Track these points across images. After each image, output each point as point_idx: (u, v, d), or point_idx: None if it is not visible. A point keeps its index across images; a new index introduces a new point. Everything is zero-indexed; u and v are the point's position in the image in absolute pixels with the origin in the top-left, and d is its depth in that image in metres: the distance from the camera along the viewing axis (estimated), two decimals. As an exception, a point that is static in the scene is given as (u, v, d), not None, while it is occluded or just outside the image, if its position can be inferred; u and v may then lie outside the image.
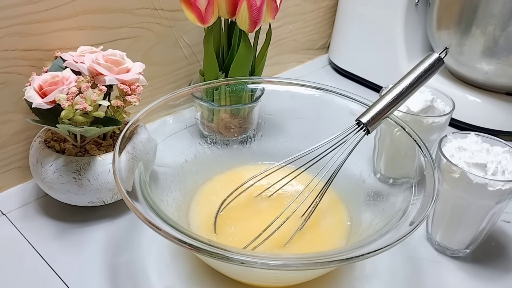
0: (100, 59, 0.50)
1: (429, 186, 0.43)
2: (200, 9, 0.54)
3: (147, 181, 0.45)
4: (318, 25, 0.90)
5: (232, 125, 0.60)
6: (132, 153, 0.45)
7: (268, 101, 0.59)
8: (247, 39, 0.57)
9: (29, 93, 0.47)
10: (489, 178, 0.44)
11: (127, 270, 0.48)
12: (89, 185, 0.49)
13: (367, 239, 0.40)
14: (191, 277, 0.47)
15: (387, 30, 0.79)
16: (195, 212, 0.52)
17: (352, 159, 0.47)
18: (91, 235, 0.52)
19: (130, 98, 0.50)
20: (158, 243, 0.50)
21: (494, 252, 0.52)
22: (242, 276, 0.45)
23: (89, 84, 0.47)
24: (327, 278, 0.48)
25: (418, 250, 0.52)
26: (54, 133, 0.53)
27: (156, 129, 0.52)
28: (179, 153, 0.55)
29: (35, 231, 0.52)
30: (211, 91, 0.57)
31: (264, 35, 0.62)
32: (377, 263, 0.50)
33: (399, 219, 0.41)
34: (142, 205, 0.39)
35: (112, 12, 0.58)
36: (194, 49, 0.70)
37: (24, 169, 0.57)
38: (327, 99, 0.55)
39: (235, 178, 0.56)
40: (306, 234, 0.49)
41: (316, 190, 0.48)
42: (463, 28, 0.68)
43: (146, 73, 0.53)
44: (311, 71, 0.91)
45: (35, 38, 0.52)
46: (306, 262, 0.35)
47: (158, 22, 0.64)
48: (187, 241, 0.36)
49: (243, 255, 0.35)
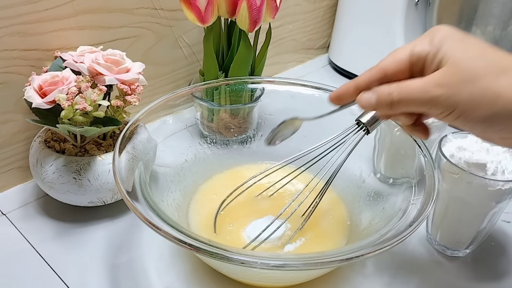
0: (100, 59, 0.50)
1: (429, 186, 0.43)
2: (200, 8, 0.54)
3: (147, 181, 0.45)
4: (318, 25, 0.90)
5: (232, 125, 0.60)
6: (132, 153, 0.45)
7: (268, 101, 0.59)
8: (247, 39, 0.57)
9: (29, 93, 0.47)
10: (489, 178, 0.44)
11: (127, 270, 0.48)
12: (89, 185, 0.49)
13: (367, 239, 0.40)
14: (191, 277, 0.47)
15: (387, 30, 0.79)
16: (195, 212, 0.52)
17: (352, 159, 0.47)
18: (91, 235, 0.51)
19: (130, 98, 0.50)
20: (158, 243, 0.50)
21: (494, 252, 0.52)
22: (242, 276, 0.45)
23: (89, 84, 0.47)
24: (327, 278, 0.48)
25: (418, 250, 0.52)
26: (54, 133, 0.53)
27: (156, 129, 0.52)
28: (179, 153, 0.55)
29: (35, 231, 0.52)
30: (211, 91, 0.57)
31: (264, 34, 0.62)
32: (377, 263, 0.50)
33: (399, 219, 0.41)
34: (142, 205, 0.39)
35: (112, 12, 0.58)
36: (194, 49, 0.70)
37: (24, 169, 0.57)
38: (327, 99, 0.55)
39: (235, 177, 0.56)
40: (306, 233, 0.49)
41: (316, 190, 0.48)
42: (463, 27, 0.68)
43: (146, 73, 0.53)
44: (311, 71, 0.91)
45: (35, 38, 0.52)
46: (306, 262, 0.35)
47: (158, 22, 0.64)
48: (187, 241, 0.36)
49: (243, 255, 0.35)
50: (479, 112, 0.31)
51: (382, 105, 0.35)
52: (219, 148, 0.59)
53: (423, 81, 0.33)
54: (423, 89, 0.33)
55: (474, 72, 0.32)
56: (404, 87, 0.34)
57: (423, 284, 0.48)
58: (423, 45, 0.34)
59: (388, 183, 0.51)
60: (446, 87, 0.32)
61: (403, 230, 0.38)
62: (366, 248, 0.37)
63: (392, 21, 0.77)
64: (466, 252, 0.51)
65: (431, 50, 0.34)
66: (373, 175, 0.54)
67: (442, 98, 0.32)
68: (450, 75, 0.32)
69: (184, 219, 0.50)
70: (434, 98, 0.32)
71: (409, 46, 0.35)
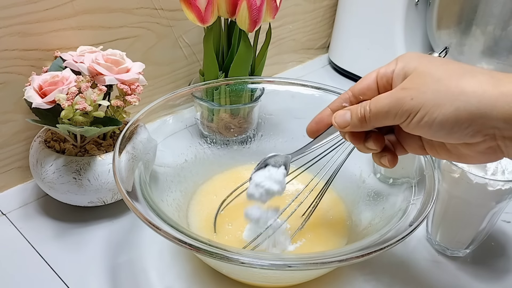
0: (100, 59, 0.50)
1: (429, 186, 0.43)
2: (199, 8, 0.54)
3: (147, 181, 0.45)
4: (318, 25, 0.90)
5: (232, 125, 0.60)
6: (132, 153, 0.45)
7: (268, 101, 0.59)
8: (247, 39, 0.57)
9: (29, 93, 0.47)
10: (489, 178, 0.44)
11: (127, 270, 0.48)
12: (89, 185, 0.49)
13: (367, 239, 0.40)
14: (191, 277, 0.47)
15: (387, 30, 0.79)
16: (195, 212, 0.52)
17: (352, 159, 0.47)
18: (91, 235, 0.52)
19: (130, 98, 0.50)
20: (158, 243, 0.50)
21: (494, 252, 0.52)
22: (242, 276, 0.45)
23: (89, 84, 0.47)
24: (327, 278, 0.48)
25: (418, 250, 0.52)
26: (54, 133, 0.53)
27: (156, 129, 0.52)
28: (179, 153, 0.55)
29: (35, 231, 0.52)
30: (211, 91, 0.57)
31: (264, 34, 0.62)
32: (377, 263, 0.50)
33: (399, 219, 0.41)
34: (142, 205, 0.39)
35: (112, 12, 0.58)
36: (194, 49, 0.70)
37: (24, 169, 0.57)
38: (327, 99, 0.55)
39: (235, 177, 0.56)
40: (306, 233, 0.49)
41: (316, 189, 0.48)
42: (463, 27, 0.68)
43: (146, 73, 0.53)
44: (311, 71, 0.91)
45: (34, 38, 0.52)
46: (306, 262, 0.35)
47: (158, 21, 0.64)
48: (187, 241, 0.36)
49: (243, 255, 0.35)
50: (444, 109, 0.31)
51: (357, 119, 0.36)
52: (219, 148, 0.59)
53: (391, 91, 0.35)
54: (390, 95, 0.34)
55: (438, 75, 0.32)
56: (375, 99, 0.35)
57: (423, 284, 0.48)
58: (389, 65, 0.36)
59: (388, 183, 0.51)
60: (411, 89, 0.33)
61: (403, 230, 0.38)
62: (366, 248, 0.37)
63: (392, 21, 0.78)
64: (466, 252, 0.51)
65: (396, 67, 0.35)
66: (373, 175, 0.54)
67: (407, 99, 0.33)
68: (415, 78, 0.33)
69: (184, 219, 0.50)
70: (400, 99, 0.33)
71: (376, 69, 0.37)
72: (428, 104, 0.32)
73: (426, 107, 0.32)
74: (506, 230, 0.55)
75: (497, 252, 0.52)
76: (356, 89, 0.38)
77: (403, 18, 0.76)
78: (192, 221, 0.51)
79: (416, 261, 0.51)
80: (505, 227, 0.55)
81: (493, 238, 0.54)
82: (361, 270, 0.49)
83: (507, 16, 0.63)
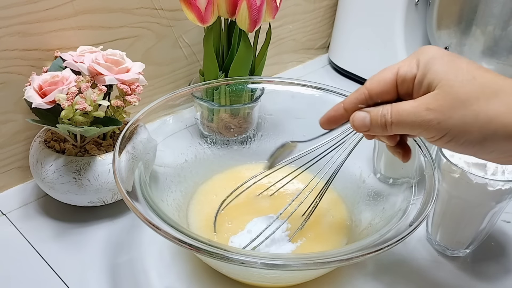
0: (100, 59, 0.50)
1: (429, 186, 0.43)
2: (199, 8, 0.54)
3: (147, 181, 0.45)
4: (318, 25, 0.90)
5: (232, 125, 0.60)
6: (132, 153, 0.45)
7: (268, 101, 0.59)
8: (247, 39, 0.57)
9: (29, 93, 0.47)
10: (489, 178, 0.44)
11: (127, 270, 0.48)
12: (89, 185, 0.49)
13: (367, 239, 0.40)
14: (191, 277, 0.47)
15: (387, 30, 0.79)
16: (195, 212, 0.52)
17: (352, 159, 0.47)
18: (91, 235, 0.52)
19: (130, 98, 0.50)
20: (158, 243, 0.50)
21: (494, 252, 0.52)
22: (242, 276, 0.45)
23: (89, 84, 0.47)
24: (327, 278, 0.48)
25: (418, 250, 0.52)
26: (54, 133, 0.53)
27: (156, 129, 0.52)
28: (179, 153, 0.55)
29: (35, 231, 0.52)
30: (211, 91, 0.57)
31: (264, 34, 0.62)
32: (377, 263, 0.50)
33: (399, 219, 0.41)
34: (142, 205, 0.39)
35: (112, 12, 0.58)
36: (194, 49, 0.70)
37: (24, 169, 0.57)
38: (327, 99, 0.55)
39: (235, 177, 0.56)
40: (307, 233, 0.49)
41: (316, 189, 0.48)
42: (463, 27, 0.68)
43: (146, 73, 0.53)
44: (311, 71, 0.90)
45: (34, 38, 0.52)
46: (306, 262, 0.35)
47: (158, 21, 0.64)
48: (187, 241, 0.36)
49: (243, 255, 0.35)
50: (471, 136, 0.31)
51: (377, 126, 0.35)
52: (219, 148, 0.59)
53: (415, 103, 0.33)
54: (414, 113, 0.33)
55: (465, 97, 0.31)
56: (397, 109, 0.34)
57: (423, 284, 0.48)
58: (410, 66, 0.34)
59: (388, 183, 0.51)
60: (437, 112, 0.32)
61: (403, 230, 0.38)
62: (366, 248, 0.37)
63: (392, 21, 0.77)
64: (466, 252, 0.51)
65: (418, 72, 0.34)
66: (373, 175, 0.54)
67: (433, 123, 0.32)
68: (441, 99, 0.32)
69: (184, 219, 0.50)
70: (425, 122, 0.32)
71: (395, 66, 0.35)
72: (455, 130, 0.32)
73: (452, 132, 0.32)
74: (506, 230, 0.55)
75: (497, 252, 0.52)
76: (374, 92, 0.36)
77: (403, 18, 0.76)
78: (192, 221, 0.51)
79: (416, 261, 0.51)
80: (505, 227, 0.55)
81: (493, 238, 0.54)
82: (361, 270, 0.49)
83: (507, 16, 0.63)
